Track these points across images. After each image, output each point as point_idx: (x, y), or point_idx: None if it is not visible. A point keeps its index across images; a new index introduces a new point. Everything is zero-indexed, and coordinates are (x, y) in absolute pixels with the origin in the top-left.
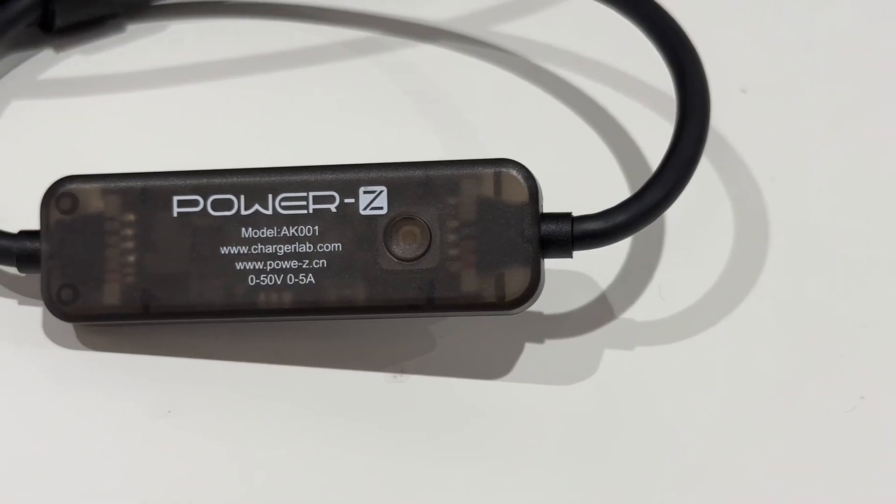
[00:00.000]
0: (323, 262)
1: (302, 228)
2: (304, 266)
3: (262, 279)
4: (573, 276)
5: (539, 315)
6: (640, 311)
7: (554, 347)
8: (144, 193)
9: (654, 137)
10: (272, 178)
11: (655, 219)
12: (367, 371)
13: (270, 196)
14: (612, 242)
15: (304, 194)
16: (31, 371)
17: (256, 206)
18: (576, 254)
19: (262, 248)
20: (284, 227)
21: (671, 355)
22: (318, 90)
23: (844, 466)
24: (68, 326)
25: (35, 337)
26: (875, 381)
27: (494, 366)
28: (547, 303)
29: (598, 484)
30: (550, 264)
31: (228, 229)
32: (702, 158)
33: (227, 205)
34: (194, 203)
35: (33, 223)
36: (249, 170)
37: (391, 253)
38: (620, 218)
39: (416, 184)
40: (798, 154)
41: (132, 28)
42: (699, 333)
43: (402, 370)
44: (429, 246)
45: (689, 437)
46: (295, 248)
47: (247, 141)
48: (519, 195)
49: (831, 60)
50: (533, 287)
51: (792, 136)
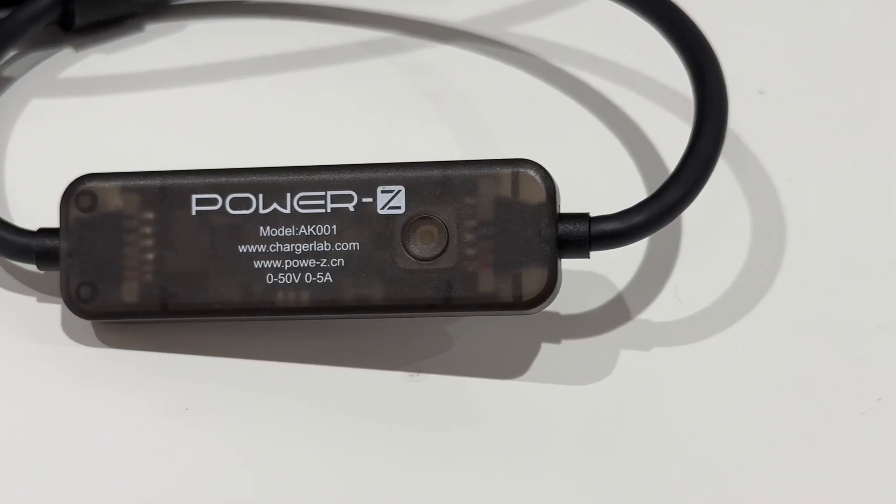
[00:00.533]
0: (340, 261)
1: (320, 227)
2: (321, 265)
3: (279, 278)
4: (590, 277)
5: (555, 315)
6: (657, 311)
7: (570, 348)
8: (163, 192)
9: (671, 138)
10: (290, 178)
11: (673, 219)
12: (383, 370)
13: (289, 195)
14: (630, 243)
15: (322, 193)
16: (49, 368)
17: (274, 205)
18: (593, 254)
19: (279, 247)
20: (302, 226)
21: (687, 356)
22: (336, 90)
23: (861, 468)
24: (87, 324)
25: (54, 334)
26: (892, 382)
27: (510, 366)
28: (563, 303)
29: (613, 484)
30: (567, 265)
31: (246, 228)
32: (719, 159)
33: (246, 203)
34: (213, 202)
35: (53, 221)
36: (268, 169)
37: (408, 252)
38: (638, 218)
39: (434, 183)
40: (815, 155)
41: (151, 27)
42: (715, 335)
43: (419, 369)
44: (446, 245)
45: (705, 439)
46: (313, 246)
47: (265, 140)
48: (536, 195)
49: (848, 62)
50: (550, 287)
51: (809, 138)
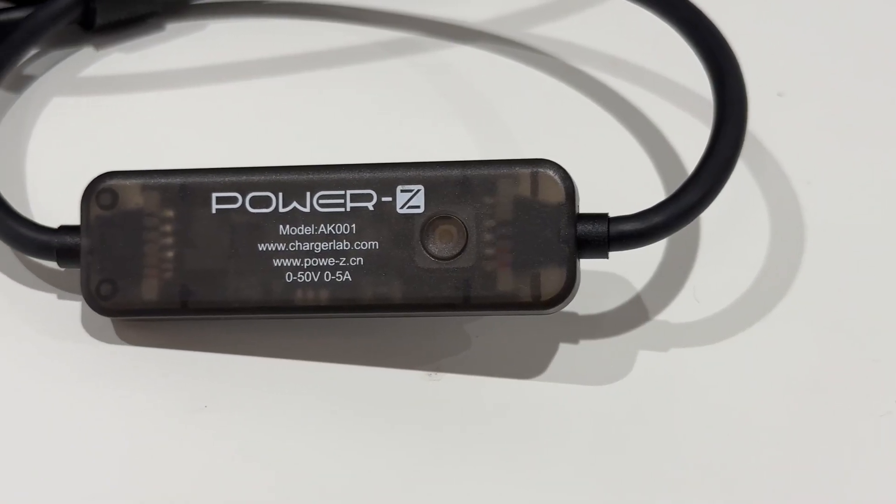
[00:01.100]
0: (360, 260)
1: (339, 226)
2: (340, 264)
3: (299, 276)
4: (608, 277)
5: (574, 315)
6: (675, 312)
7: (588, 348)
8: (183, 190)
9: (690, 140)
10: (310, 176)
11: (692, 220)
12: (402, 369)
13: (308, 194)
14: (649, 243)
15: (342, 192)
16: (69, 365)
17: (294, 204)
18: (611, 255)
19: (299, 246)
20: (322, 225)
21: (705, 357)
22: (355, 90)
23: (879, 470)
24: (107, 321)
25: (74, 331)
26: None
27: (529, 365)
28: (582, 303)
29: (629, 485)
30: (586, 265)
31: (266, 226)
32: (738, 161)
33: (266, 202)
34: (233, 200)
35: (73, 218)
36: (288, 167)
37: (428, 251)
38: (657, 219)
39: (454, 183)
40: (834, 157)
41: (171, 27)
42: (733, 336)
43: (438, 369)
44: (465, 245)
45: (721, 440)
46: (332, 245)
47: (284, 139)
48: (556, 195)
49: (868, 64)
50: (569, 287)
51: (828, 140)
